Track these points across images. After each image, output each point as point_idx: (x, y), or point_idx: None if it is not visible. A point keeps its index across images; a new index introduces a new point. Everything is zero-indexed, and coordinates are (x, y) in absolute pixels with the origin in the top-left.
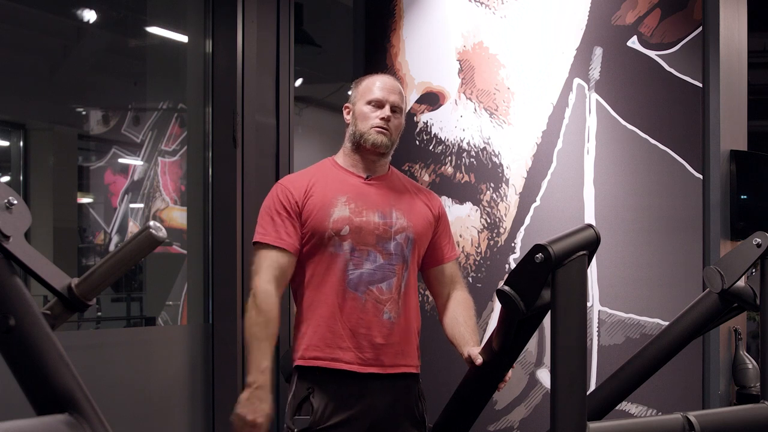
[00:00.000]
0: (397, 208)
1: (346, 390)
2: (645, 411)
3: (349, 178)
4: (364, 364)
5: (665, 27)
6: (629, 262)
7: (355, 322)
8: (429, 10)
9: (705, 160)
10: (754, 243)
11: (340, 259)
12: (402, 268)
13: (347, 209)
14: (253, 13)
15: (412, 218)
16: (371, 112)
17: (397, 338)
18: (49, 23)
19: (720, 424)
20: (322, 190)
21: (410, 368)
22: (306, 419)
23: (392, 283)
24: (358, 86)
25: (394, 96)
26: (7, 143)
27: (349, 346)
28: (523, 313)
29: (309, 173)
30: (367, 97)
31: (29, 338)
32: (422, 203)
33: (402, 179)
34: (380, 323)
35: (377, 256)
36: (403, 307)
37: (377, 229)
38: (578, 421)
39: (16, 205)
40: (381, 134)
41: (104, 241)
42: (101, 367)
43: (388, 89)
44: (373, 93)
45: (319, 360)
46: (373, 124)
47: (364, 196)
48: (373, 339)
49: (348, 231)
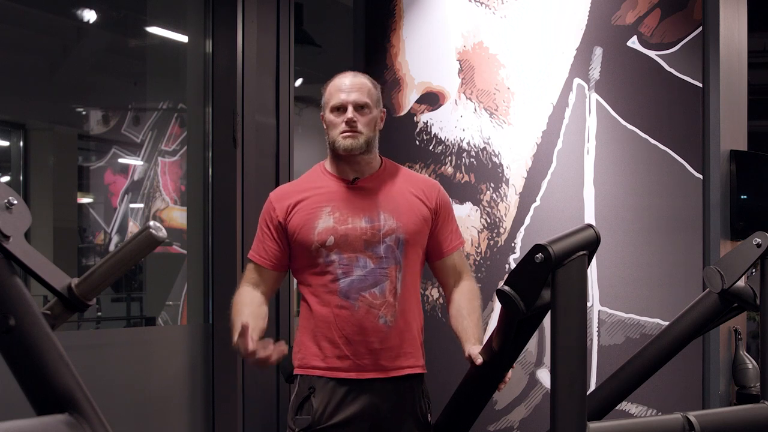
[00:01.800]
0: (385, 210)
1: (347, 391)
2: (645, 411)
3: (335, 184)
4: (363, 370)
5: (665, 27)
6: (629, 262)
7: (349, 330)
8: (429, 10)
9: (705, 160)
10: (754, 243)
11: (330, 269)
12: (395, 270)
13: (331, 219)
14: (253, 13)
15: (401, 218)
16: (336, 118)
17: (395, 341)
18: (49, 23)
19: (720, 424)
20: (308, 202)
21: (413, 369)
22: (306, 419)
23: (385, 287)
24: (324, 93)
25: (354, 94)
26: (7, 143)
27: (346, 355)
28: (523, 313)
29: (299, 184)
30: (331, 103)
31: (29, 338)
32: (415, 198)
33: (395, 174)
34: (376, 328)
35: (367, 261)
36: (401, 310)
37: (365, 234)
38: (578, 421)
39: (16, 205)
40: (349, 138)
41: (104, 241)
42: (101, 367)
43: (347, 89)
44: (334, 98)
45: (317, 369)
46: (340, 130)
47: (349, 203)
48: (370, 344)
49: (333, 241)
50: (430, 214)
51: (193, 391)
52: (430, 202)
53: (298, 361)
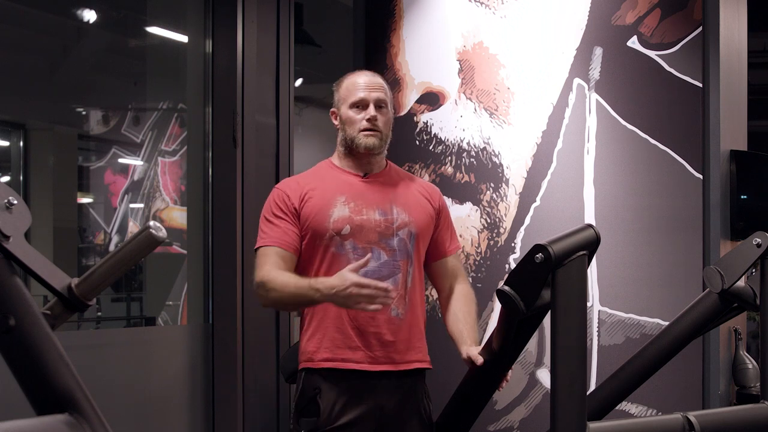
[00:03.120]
0: (397, 204)
1: (354, 390)
2: (645, 411)
3: (346, 177)
4: (375, 362)
5: (665, 27)
6: (629, 262)
7: (362, 321)
8: (429, 10)
9: (705, 160)
10: (754, 243)
11: (344, 258)
12: (407, 264)
13: (347, 208)
14: (253, 13)
15: (413, 213)
16: (356, 114)
17: (405, 334)
18: (49, 23)
19: (720, 424)
20: (320, 191)
21: (421, 363)
22: (313, 420)
23: (398, 279)
24: (339, 89)
25: (376, 92)
26: (7, 143)
27: (358, 345)
28: (523, 313)
29: (306, 177)
30: (350, 100)
31: (29, 338)
32: (422, 197)
33: (401, 174)
34: (388, 320)
35: (381, 253)
36: (410, 303)
37: (379, 226)
38: (578, 421)
39: (16, 205)
40: (371, 137)
41: (104, 241)
42: (101, 367)
43: (369, 87)
44: (355, 94)
45: (329, 362)
46: (360, 127)
47: (363, 195)
48: (382, 336)
49: (349, 230)
50: (434, 213)
51: (193, 391)
52: (434, 203)
53: (307, 355)
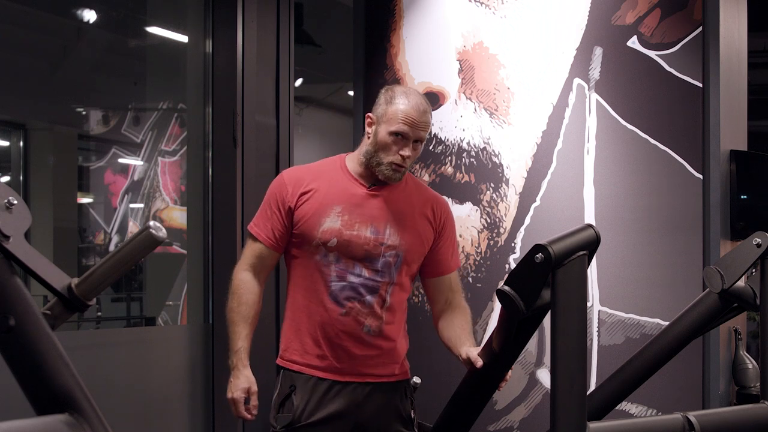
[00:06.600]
0: (392, 224)
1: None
2: (645, 411)
3: (351, 186)
4: (340, 373)
5: (665, 27)
6: (629, 262)
7: (333, 333)
8: (429, 10)
9: (705, 160)
10: (754, 243)
11: (325, 269)
12: (387, 285)
13: (339, 221)
14: (253, 13)
15: (405, 236)
16: (393, 144)
17: (376, 351)
18: (49, 23)
19: (720, 424)
20: (320, 195)
21: (391, 378)
22: (288, 416)
23: (374, 298)
24: (387, 104)
25: (421, 132)
26: (7, 143)
27: (326, 355)
28: (523, 313)
29: (313, 171)
30: (392, 127)
31: (29, 338)
32: (423, 218)
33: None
34: (359, 337)
35: (363, 270)
36: (386, 322)
37: (367, 244)
38: (578, 421)
39: (16, 205)
40: (397, 172)
41: (104, 241)
42: (101, 367)
43: (416, 123)
44: (398, 125)
45: (296, 364)
46: (392, 160)
47: (361, 209)
48: (350, 350)
49: (335, 243)
50: (433, 234)
51: (193, 391)
52: (436, 221)
53: (281, 348)
